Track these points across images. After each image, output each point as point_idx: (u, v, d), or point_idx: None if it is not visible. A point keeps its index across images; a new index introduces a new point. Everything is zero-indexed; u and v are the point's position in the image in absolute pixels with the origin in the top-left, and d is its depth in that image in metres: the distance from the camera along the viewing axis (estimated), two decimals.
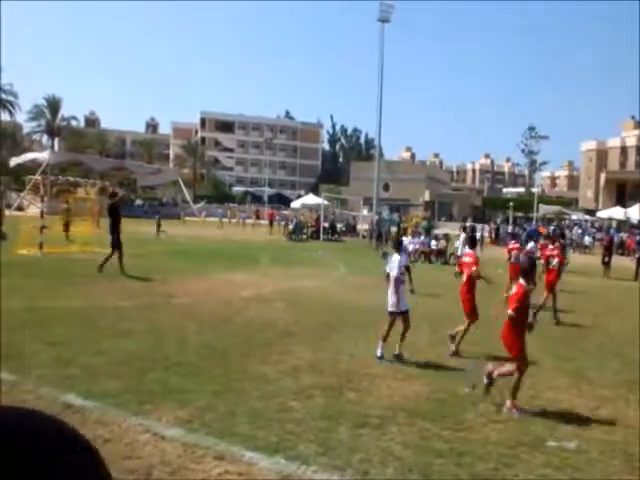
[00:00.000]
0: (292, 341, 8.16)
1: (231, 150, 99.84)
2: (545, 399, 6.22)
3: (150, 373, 6.24)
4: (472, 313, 7.91)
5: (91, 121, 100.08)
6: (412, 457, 4.48)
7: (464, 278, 8.15)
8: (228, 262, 18.65)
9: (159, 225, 27.94)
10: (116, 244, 13.66)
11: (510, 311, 5.71)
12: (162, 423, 4.85)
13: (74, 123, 74.70)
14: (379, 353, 7.33)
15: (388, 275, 7.59)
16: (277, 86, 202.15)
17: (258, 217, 49.58)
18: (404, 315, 7.43)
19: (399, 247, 8.03)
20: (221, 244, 26.73)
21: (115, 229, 13.80)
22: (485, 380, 5.87)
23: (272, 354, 7.36)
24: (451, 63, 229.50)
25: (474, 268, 8.01)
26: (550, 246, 12.01)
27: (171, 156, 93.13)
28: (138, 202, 52.08)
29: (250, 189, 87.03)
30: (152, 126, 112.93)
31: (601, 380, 7.11)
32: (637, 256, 21.66)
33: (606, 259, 21.27)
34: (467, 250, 8.80)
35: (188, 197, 56.76)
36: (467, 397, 6.10)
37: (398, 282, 7.41)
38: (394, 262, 7.61)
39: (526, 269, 6.12)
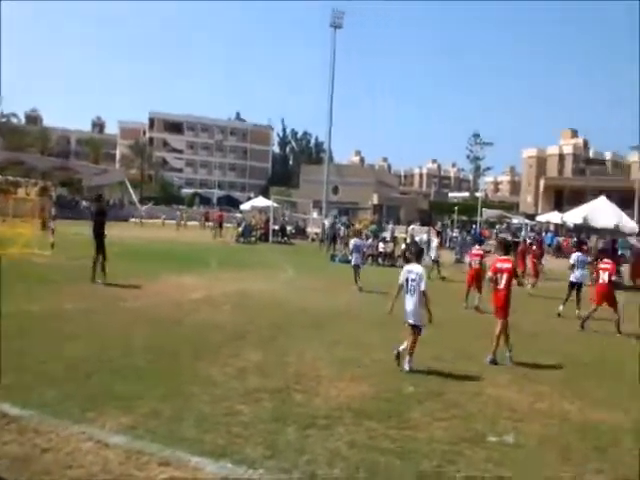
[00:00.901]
0: (241, 343, 8.12)
1: (180, 151, 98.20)
2: (487, 395, 6.45)
3: (95, 377, 6.09)
4: (507, 314, 8.23)
5: (32, 118, 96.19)
6: (358, 456, 4.54)
7: (503, 283, 8.22)
8: (177, 264, 18.33)
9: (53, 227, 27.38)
10: (101, 247, 13.20)
11: None
12: (105, 430, 4.73)
13: (14, 120, 71.68)
14: (407, 367, 7.18)
15: (401, 286, 7.41)
16: (228, 88, 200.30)
17: (207, 219, 48.81)
18: (418, 329, 7.28)
19: (419, 257, 7.86)
20: (171, 245, 26.24)
21: (101, 232, 13.36)
22: None
23: (221, 357, 7.30)
24: (400, 69, 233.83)
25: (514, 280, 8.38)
26: (605, 259, 12.22)
27: (118, 156, 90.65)
28: (84, 204, 50.28)
29: (199, 191, 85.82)
30: (98, 125, 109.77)
31: (541, 377, 7.43)
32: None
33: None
34: (503, 256, 8.72)
35: (135, 198, 55.40)
36: (412, 396, 6.23)
37: (424, 295, 7.25)
38: (417, 274, 7.31)
39: None
